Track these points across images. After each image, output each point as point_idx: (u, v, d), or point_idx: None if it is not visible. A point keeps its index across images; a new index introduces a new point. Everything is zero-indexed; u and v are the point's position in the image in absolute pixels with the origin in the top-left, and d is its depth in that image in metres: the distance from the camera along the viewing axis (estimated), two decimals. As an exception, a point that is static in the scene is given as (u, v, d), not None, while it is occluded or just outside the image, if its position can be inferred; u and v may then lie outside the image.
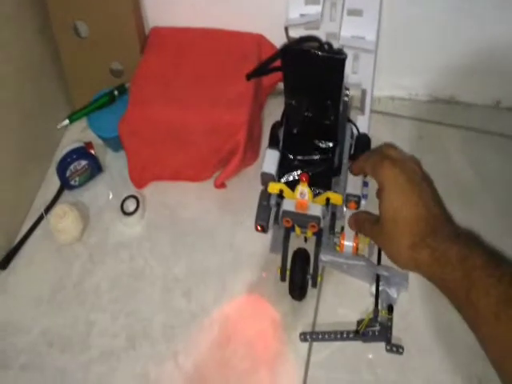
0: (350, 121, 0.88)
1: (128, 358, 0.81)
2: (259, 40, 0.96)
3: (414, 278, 0.76)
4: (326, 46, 0.80)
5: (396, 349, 0.76)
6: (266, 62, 0.86)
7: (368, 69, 0.89)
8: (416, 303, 0.81)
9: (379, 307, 0.78)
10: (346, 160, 0.84)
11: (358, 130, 0.88)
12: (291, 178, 0.81)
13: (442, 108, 0.98)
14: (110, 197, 0.94)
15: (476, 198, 0.89)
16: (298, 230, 0.79)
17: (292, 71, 0.79)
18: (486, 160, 0.92)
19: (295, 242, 0.81)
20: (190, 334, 0.82)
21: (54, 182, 0.96)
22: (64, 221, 0.87)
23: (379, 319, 0.77)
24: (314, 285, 0.79)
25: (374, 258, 0.80)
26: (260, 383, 0.77)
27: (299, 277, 0.79)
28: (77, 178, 0.93)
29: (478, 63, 0.92)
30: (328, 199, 0.77)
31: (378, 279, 0.79)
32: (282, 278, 0.80)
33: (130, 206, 0.90)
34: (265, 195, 0.82)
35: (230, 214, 0.91)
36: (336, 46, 0.87)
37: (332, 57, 0.76)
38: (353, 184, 0.79)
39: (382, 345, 0.76)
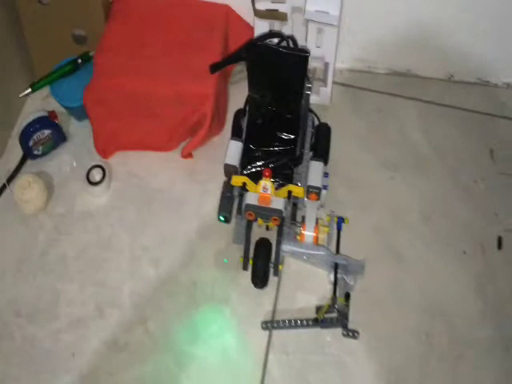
0: (311, 111, 0.87)
1: (97, 325, 0.79)
2: (226, 11, 0.93)
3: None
4: (289, 41, 0.79)
5: (352, 333, 0.77)
6: (230, 57, 0.85)
7: (331, 43, 0.88)
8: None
9: (337, 294, 0.78)
10: (307, 150, 0.84)
11: (318, 119, 0.88)
12: (254, 170, 0.81)
13: (399, 81, 0.99)
14: (74, 164, 0.90)
15: (430, 165, 0.91)
16: (260, 220, 0.78)
17: (256, 67, 0.79)
18: (439, 130, 0.94)
19: (257, 231, 0.81)
20: (158, 300, 0.80)
21: (15, 152, 0.91)
22: (28, 191, 0.83)
23: (337, 306, 0.77)
24: (276, 273, 0.79)
25: (333, 248, 0.81)
26: (224, 349, 0.77)
27: (262, 266, 0.78)
28: (40, 148, 0.88)
29: (432, 39, 0.93)
30: (290, 192, 0.78)
31: (336, 268, 0.79)
32: (245, 267, 0.79)
33: (96, 175, 0.87)
34: (228, 186, 0.81)
35: (196, 183, 0.89)
36: (301, 19, 0.86)
37: (296, 54, 0.76)
38: (314, 176, 0.79)
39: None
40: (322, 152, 0.83)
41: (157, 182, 0.90)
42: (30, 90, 0.89)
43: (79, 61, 0.89)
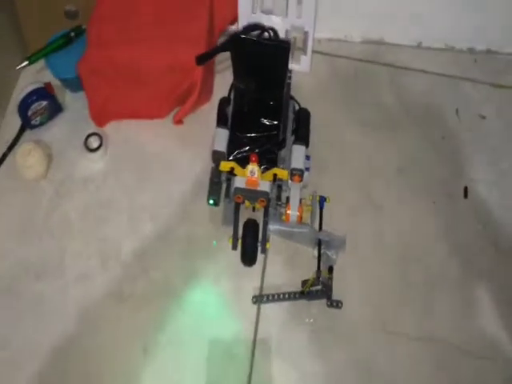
0: (291, 98, 0.92)
1: (102, 279, 0.84)
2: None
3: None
4: (271, 32, 0.85)
5: (336, 304, 0.82)
6: (215, 49, 0.89)
7: (310, 13, 0.93)
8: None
9: (321, 268, 0.82)
10: (289, 134, 0.88)
11: (299, 104, 0.92)
12: (240, 155, 0.85)
13: (373, 49, 1.04)
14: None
15: (402, 124, 0.97)
16: (247, 203, 0.83)
17: (241, 58, 0.83)
18: (409, 92, 1.00)
19: (245, 213, 0.84)
20: (157, 252, 0.86)
21: (13, 123, 0.94)
22: (30, 158, 0.87)
23: (321, 279, 0.81)
24: (263, 251, 0.83)
25: (316, 225, 0.85)
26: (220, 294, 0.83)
27: (250, 245, 0.82)
28: (38, 118, 0.92)
29: (401, 9, 0.98)
30: (275, 175, 0.82)
31: (319, 244, 0.83)
32: (234, 247, 0.83)
33: (94, 142, 0.91)
34: (216, 172, 0.85)
35: (188, 147, 0.94)
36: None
37: (278, 45, 0.81)
38: (296, 159, 0.84)
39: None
40: (303, 136, 0.87)
41: (151, 147, 0.94)
42: (26, 62, 0.92)
43: (72, 34, 0.92)
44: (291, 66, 0.97)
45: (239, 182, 0.80)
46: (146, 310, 0.82)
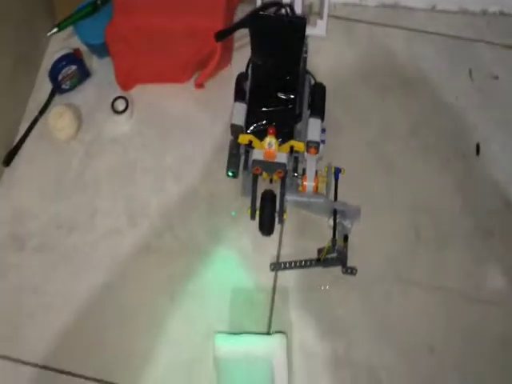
0: (307, 72, 0.94)
1: (130, 234, 0.89)
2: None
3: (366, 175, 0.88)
4: (288, 9, 0.86)
5: (350, 270, 0.85)
6: (234, 26, 0.90)
7: (326, -23, 0.96)
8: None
9: (336, 237, 0.85)
10: (305, 108, 0.90)
11: (314, 79, 0.94)
12: (258, 129, 0.87)
13: (388, 12, 1.06)
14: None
15: (416, 86, 1.00)
16: (265, 174, 0.85)
17: (259, 34, 0.85)
18: (423, 55, 1.02)
19: (262, 184, 0.87)
20: (182, 210, 0.91)
21: (43, 88, 0.99)
22: (62, 120, 0.92)
23: (336, 247, 0.84)
24: (281, 221, 0.86)
25: (331, 196, 0.88)
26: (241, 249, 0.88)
27: (268, 215, 0.85)
28: (68, 82, 0.96)
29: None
30: (292, 147, 0.85)
31: (335, 213, 0.86)
32: (252, 217, 0.85)
33: (120, 105, 0.95)
34: (235, 145, 0.88)
35: (208, 110, 0.98)
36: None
37: (295, 21, 0.83)
38: (312, 131, 0.85)
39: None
40: (318, 110, 0.89)
41: (173, 110, 0.98)
42: (56, 29, 0.95)
43: (98, 2, 0.95)
44: (308, 30, 1.00)
45: (257, 154, 0.83)
46: (172, 263, 0.87)
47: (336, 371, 0.81)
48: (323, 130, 0.87)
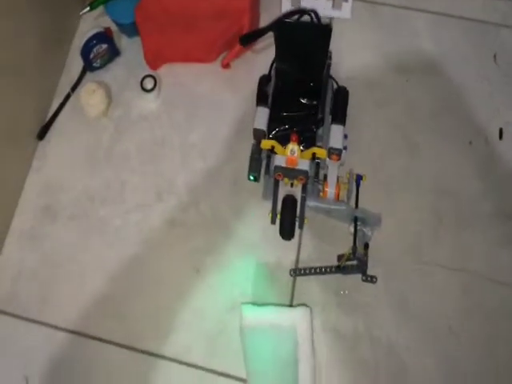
0: (330, 77, 0.93)
1: (158, 208, 0.92)
2: None
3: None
4: (313, 15, 0.87)
5: (370, 279, 0.85)
6: (259, 32, 0.92)
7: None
8: (389, 176, 0.92)
9: (357, 244, 0.84)
10: (327, 113, 0.90)
11: (337, 83, 0.94)
12: (280, 134, 0.87)
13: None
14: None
15: (438, 69, 0.99)
16: (286, 179, 0.85)
17: (284, 40, 0.85)
18: (446, 38, 1.01)
19: (283, 188, 0.87)
20: (207, 187, 0.93)
21: (75, 65, 1.01)
22: (94, 96, 0.94)
23: (357, 255, 0.84)
24: (301, 226, 0.86)
25: (352, 203, 0.88)
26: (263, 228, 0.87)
27: (288, 220, 0.85)
28: (98, 60, 0.98)
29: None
30: (314, 154, 0.84)
31: (355, 221, 0.86)
32: (273, 222, 0.86)
33: (148, 84, 0.96)
34: (257, 149, 0.88)
35: (234, 90, 0.99)
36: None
37: (321, 27, 0.84)
38: (335, 138, 0.85)
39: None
40: (341, 115, 0.88)
41: (200, 90, 0.99)
42: (88, 8, 0.97)
43: (129, -18, 0.97)
44: (333, 13, 1.00)
45: (279, 160, 0.82)
46: (197, 238, 0.90)
47: (356, 347, 0.83)
48: (345, 136, 0.87)
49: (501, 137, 0.94)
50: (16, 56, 0.88)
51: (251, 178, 0.87)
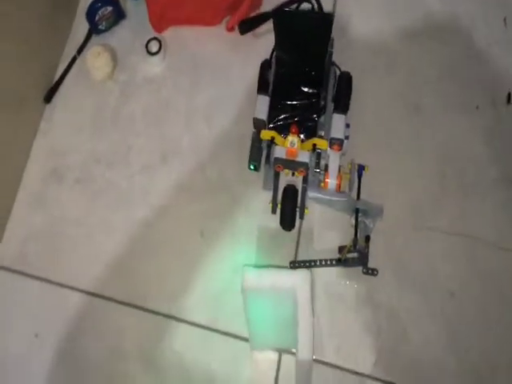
0: (333, 63, 0.90)
1: (163, 170, 0.92)
2: None
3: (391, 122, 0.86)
4: (314, 4, 0.84)
5: (371, 271, 0.84)
6: (259, 19, 0.90)
7: None
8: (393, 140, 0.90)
9: (358, 236, 0.83)
10: (330, 101, 0.87)
11: (339, 69, 0.91)
12: (280, 123, 0.85)
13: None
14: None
15: (447, 32, 0.97)
16: (287, 171, 0.84)
17: (284, 30, 0.82)
18: (456, 1, 0.98)
19: (284, 177, 0.86)
20: (213, 150, 0.92)
21: (81, 28, 1.00)
22: (99, 59, 0.93)
23: (358, 247, 0.83)
24: (302, 216, 0.84)
25: (354, 194, 0.86)
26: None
27: (289, 210, 0.83)
28: (104, 23, 0.97)
29: None
30: (314, 144, 0.83)
31: (357, 212, 0.84)
32: (273, 212, 0.85)
33: (153, 47, 0.95)
34: (257, 138, 0.86)
35: (239, 54, 0.97)
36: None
37: (323, 17, 0.81)
38: (336, 128, 0.83)
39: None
40: (343, 104, 0.86)
41: (205, 53, 0.98)
42: (93, -31, 0.96)
43: None
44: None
45: (279, 152, 0.81)
46: (202, 201, 0.90)
47: (357, 311, 0.83)
48: (347, 125, 0.85)
49: (509, 101, 0.92)
50: (23, 19, 0.87)
51: (251, 167, 0.86)
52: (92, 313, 0.86)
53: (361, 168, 0.87)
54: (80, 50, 0.98)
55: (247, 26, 0.93)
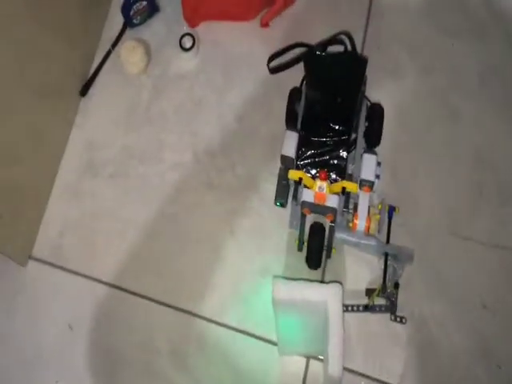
0: (364, 97, 0.86)
1: (194, 168, 0.91)
2: None
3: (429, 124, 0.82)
4: (347, 44, 0.80)
5: (400, 319, 0.80)
6: (289, 62, 0.87)
7: None
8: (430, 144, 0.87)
9: (387, 282, 0.79)
10: (361, 136, 0.83)
11: (369, 101, 0.87)
12: (309, 160, 0.81)
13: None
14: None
15: (489, 32, 0.92)
16: None
17: (315, 73, 0.80)
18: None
19: (311, 215, 0.82)
20: (243, 149, 0.91)
21: (115, 22, 0.98)
22: (134, 54, 0.92)
23: (386, 294, 0.79)
24: (329, 255, 0.81)
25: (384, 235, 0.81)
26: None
27: (316, 249, 0.80)
28: (138, 17, 0.95)
29: None
30: (344, 188, 0.78)
31: (386, 257, 0.80)
32: (300, 249, 0.82)
33: (187, 42, 0.94)
34: (284, 174, 0.83)
35: (273, 49, 0.94)
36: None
37: (356, 59, 0.78)
38: (367, 169, 0.79)
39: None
40: (375, 139, 0.83)
41: (238, 49, 0.96)
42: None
43: None
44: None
45: (307, 195, 0.78)
46: (232, 200, 0.89)
47: (387, 320, 0.80)
48: (379, 164, 0.81)
49: (552, 106, 0.87)
50: (60, 13, 0.86)
51: (278, 204, 0.85)
52: (123, 307, 0.86)
53: (391, 209, 0.83)
54: (114, 44, 0.96)
55: (277, 69, 0.91)
